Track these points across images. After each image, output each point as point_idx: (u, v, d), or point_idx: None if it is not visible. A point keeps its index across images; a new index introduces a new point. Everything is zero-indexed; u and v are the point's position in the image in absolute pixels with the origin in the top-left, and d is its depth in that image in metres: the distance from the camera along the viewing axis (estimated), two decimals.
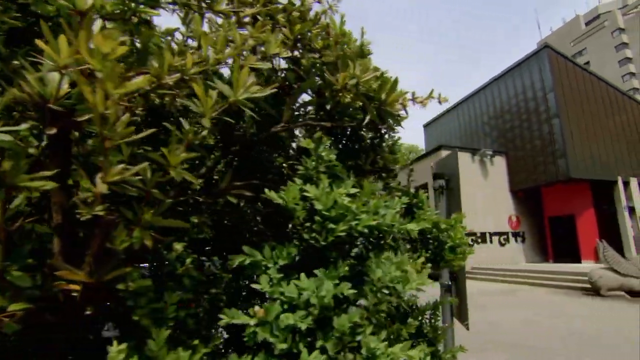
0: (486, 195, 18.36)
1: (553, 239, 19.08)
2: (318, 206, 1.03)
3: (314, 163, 1.17)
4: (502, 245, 18.25)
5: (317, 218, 1.04)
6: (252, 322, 0.95)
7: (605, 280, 9.87)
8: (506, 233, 18.53)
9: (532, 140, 17.75)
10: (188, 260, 1.22)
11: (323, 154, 1.18)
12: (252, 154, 1.51)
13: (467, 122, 23.07)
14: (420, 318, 1.61)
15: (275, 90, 1.15)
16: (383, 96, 1.32)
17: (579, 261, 16.88)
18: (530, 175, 17.86)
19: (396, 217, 1.22)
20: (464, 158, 18.41)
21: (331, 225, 1.03)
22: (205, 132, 1.06)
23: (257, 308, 0.97)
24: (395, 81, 1.34)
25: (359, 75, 1.26)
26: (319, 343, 0.91)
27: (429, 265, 1.43)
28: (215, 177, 1.44)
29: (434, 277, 1.88)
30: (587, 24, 58.05)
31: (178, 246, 1.24)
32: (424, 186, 19.39)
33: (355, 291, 1.00)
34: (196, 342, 0.98)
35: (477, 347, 5.58)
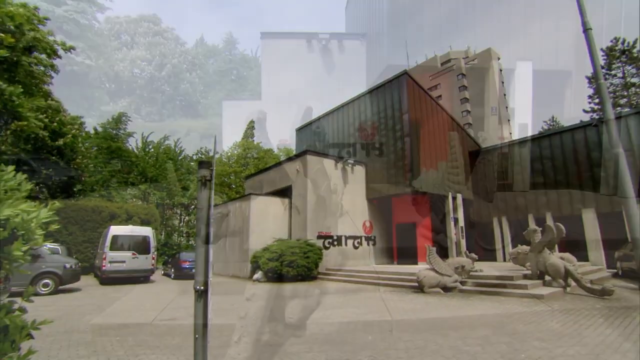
0: (346, 201, 19.62)
1: (398, 243, 21.61)
2: None
3: None
4: (355, 248, 19.68)
5: None
6: None
7: (428, 279, 11.33)
8: (360, 237, 20.09)
9: (388, 154, 19.79)
10: None
11: None
12: None
13: (336, 131, 24.44)
14: None
15: None
16: None
17: (416, 263, 19.41)
18: (384, 185, 19.84)
19: None
20: (328, 165, 19.31)
21: None
22: None
23: None
24: None
25: None
26: None
27: None
28: None
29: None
30: (442, 64, 69.79)
31: None
32: (289, 189, 19.66)
33: None
34: None
35: (304, 349, 5.37)
